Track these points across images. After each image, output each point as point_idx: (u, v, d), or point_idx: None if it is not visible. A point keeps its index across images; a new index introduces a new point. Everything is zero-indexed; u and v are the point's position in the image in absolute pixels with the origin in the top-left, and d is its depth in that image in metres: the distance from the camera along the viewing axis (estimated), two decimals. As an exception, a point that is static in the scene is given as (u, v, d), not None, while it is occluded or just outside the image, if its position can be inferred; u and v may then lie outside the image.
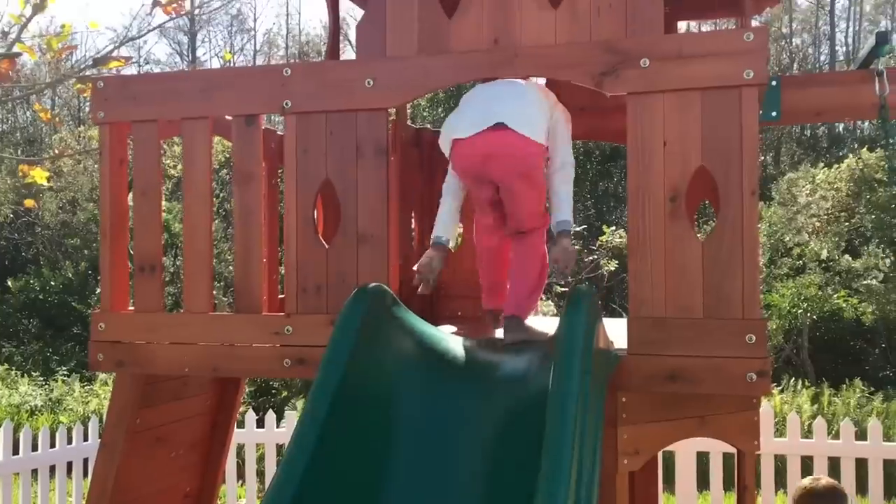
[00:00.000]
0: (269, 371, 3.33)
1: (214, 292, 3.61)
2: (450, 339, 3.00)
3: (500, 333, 3.32)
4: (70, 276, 18.93)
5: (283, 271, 3.38)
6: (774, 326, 14.89)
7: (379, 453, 2.52)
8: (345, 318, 2.64)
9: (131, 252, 3.52)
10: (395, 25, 3.22)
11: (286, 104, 3.26)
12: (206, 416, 4.34)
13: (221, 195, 17.90)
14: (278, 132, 4.08)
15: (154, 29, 11.36)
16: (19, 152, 20.68)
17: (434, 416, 2.60)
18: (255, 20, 40.53)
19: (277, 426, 7.26)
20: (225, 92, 3.35)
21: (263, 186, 4.07)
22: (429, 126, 5.75)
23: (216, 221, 17.30)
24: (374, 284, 2.85)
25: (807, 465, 6.24)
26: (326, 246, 3.25)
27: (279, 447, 7.01)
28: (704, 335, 2.84)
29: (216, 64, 36.39)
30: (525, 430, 2.44)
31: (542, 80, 3.71)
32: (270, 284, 4.41)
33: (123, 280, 3.55)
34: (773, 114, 3.36)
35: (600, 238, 14.27)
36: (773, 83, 3.34)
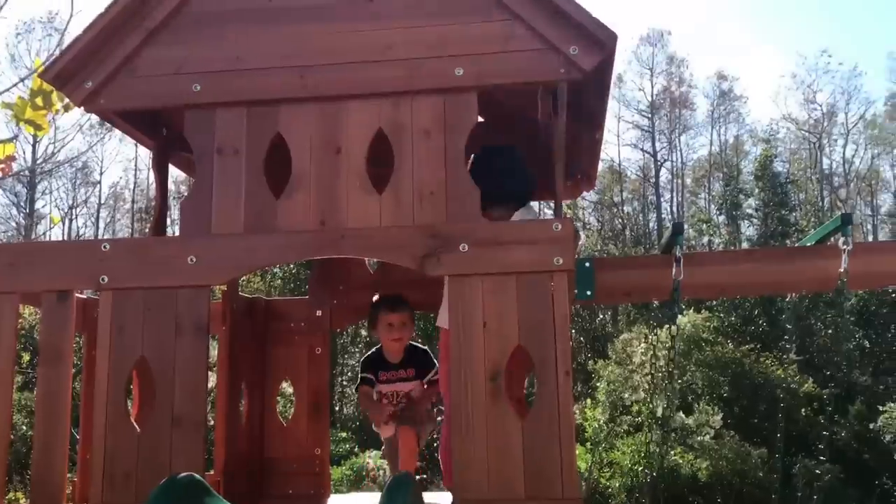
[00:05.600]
0: (67, 571, 3.02)
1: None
2: (267, 529, 2.84)
3: None
4: None
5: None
6: (618, 485, 15.16)
7: None
8: (146, 515, 2.46)
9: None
10: (221, 203, 3.23)
11: (103, 279, 3.15)
12: None
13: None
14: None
15: (-20, 185, 10.83)
16: None
17: None
18: (100, 173, 39.65)
19: None
20: (36, 266, 3.20)
21: (83, 359, 3.84)
22: (262, 296, 5.68)
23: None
24: (184, 475, 2.69)
25: None
26: (138, 429, 3.07)
27: None
28: (526, 517, 2.84)
29: (56, 216, 35.08)
30: None
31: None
32: (85, 468, 4.08)
33: None
34: (588, 293, 3.55)
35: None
36: (587, 265, 3.55)
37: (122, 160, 57.37)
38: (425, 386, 4.31)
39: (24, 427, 15.07)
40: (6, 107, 5.91)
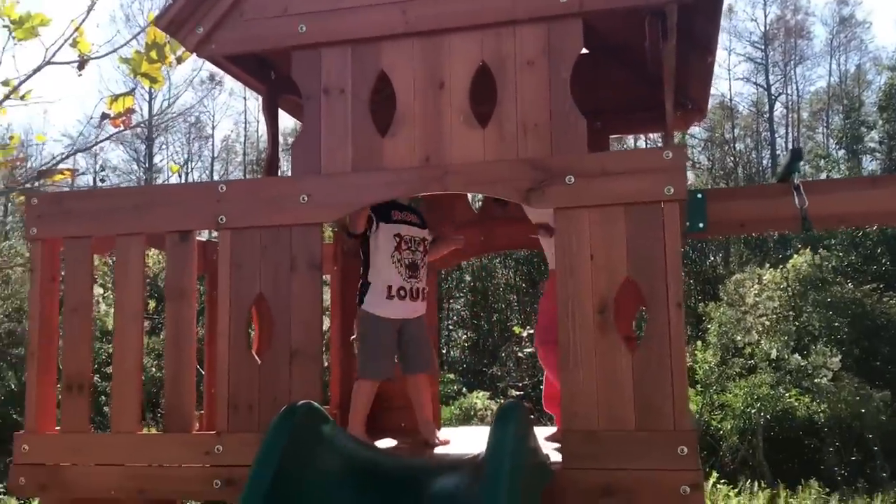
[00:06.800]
0: (199, 493, 3.23)
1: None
2: (382, 458, 2.94)
3: None
4: (13, 387, 18.28)
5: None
6: (729, 427, 14.89)
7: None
8: (269, 440, 2.58)
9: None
10: (329, 143, 3.29)
11: (221, 219, 3.28)
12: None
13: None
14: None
15: (105, 140, 11.38)
16: (-34, 260, 20.26)
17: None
18: (213, 127, 40.91)
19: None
20: (159, 208, 3.36)
21: (205, 299, 4.03)
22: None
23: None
24: (302, 403, 2.80)
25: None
26: (259, 362, 3.21)
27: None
28: (637, 448, 2.83)
29: (175, 166, 36.62)
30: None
31: None
32: (211, 401, 4.32)
33: (50, 400, 3.45)
34: (700, 225, 3.44)
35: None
36: (699, 196, 3.44)
37: (232, 114, 59.22)
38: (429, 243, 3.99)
39: (153, 369, 16.01)
40: (123, 62, 6.17)
